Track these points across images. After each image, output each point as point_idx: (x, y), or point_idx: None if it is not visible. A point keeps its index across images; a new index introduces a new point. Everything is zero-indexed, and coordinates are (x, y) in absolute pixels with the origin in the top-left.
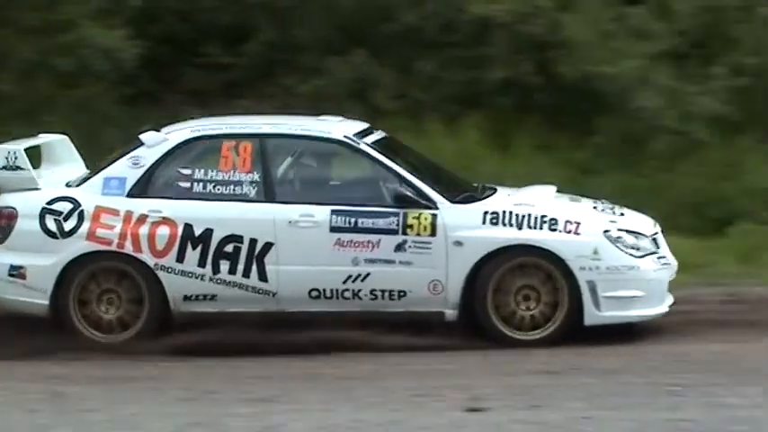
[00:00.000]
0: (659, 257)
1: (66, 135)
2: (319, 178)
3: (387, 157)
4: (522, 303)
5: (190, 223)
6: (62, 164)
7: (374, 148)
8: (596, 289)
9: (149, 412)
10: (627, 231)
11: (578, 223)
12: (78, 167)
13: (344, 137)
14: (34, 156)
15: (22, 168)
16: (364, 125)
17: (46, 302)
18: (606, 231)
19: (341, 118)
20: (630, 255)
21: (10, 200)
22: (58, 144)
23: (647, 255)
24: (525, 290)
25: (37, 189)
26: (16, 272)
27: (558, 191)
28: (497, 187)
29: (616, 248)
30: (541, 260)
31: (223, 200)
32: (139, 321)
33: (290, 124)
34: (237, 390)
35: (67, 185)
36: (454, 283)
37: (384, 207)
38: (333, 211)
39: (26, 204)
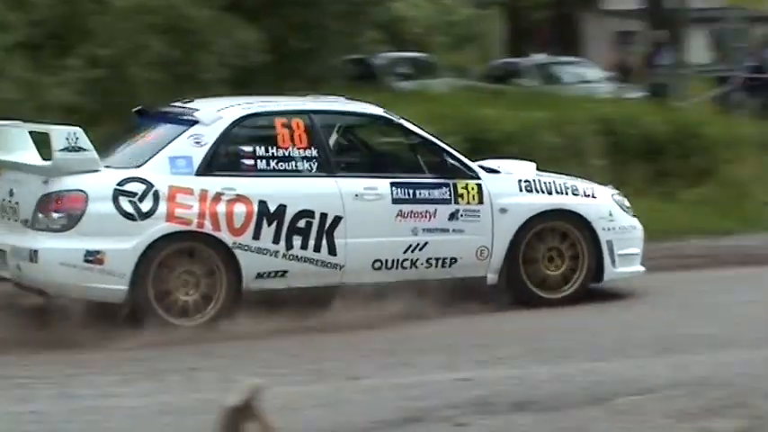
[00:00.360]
0: None
1: None
2: (367, 151)
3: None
4: (550, 265)
5: (264, 200)
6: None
7: (410, 122)
8: (613, 248)
9: None
10: (621, 196)
11: (592, 189)
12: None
13: (384, 112)
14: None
15: (84, 149)
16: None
17: (125, 287)
18: (613, 195)
19: (344, 98)
20: (632, 216)
21: (75, 182)
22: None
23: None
24: (551, 252)
25: (97, 171)
26: (93, 257)
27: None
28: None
29: (621, 210)
30: (568, 223)
31: (287, 176)
32: (217, 303)
33: (328, 101)
34: None
35: (107, 167)
36: (498, 249)
37: (435, 178)
38: (392, 184)
39: (96, 186)
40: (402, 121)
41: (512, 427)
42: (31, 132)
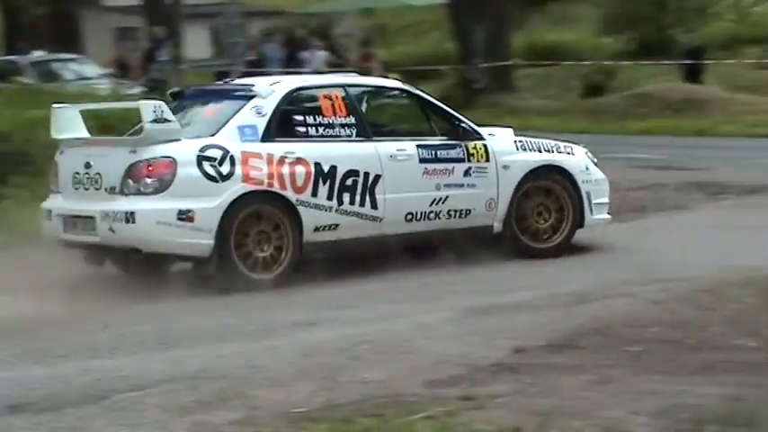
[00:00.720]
0: None
1: None
2: (393, 118)
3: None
4: (539, 218)
5: (319, 162)
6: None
7: (424, 92)
8: (591, 197)
9: None
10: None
11: (570, 147)
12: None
13: (404, 84)
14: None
15: (169, 120)
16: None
17: (212, 242)
18: (587, 152)
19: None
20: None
21: (163, 150)
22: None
23: None
24: (539, 208)
25: (179, 140)
26: (185, 215)
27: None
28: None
29: (594, 165)
30: (555, 176)
31: (333, 140)
32: (285, 257)
33: (353, 77)
34: None
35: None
36: (503, 200)
37: (450, 140)
38: (418, 146)
39: (182, 153)
40: (419, 92)
41: (9, 430)
42: (81, 112)
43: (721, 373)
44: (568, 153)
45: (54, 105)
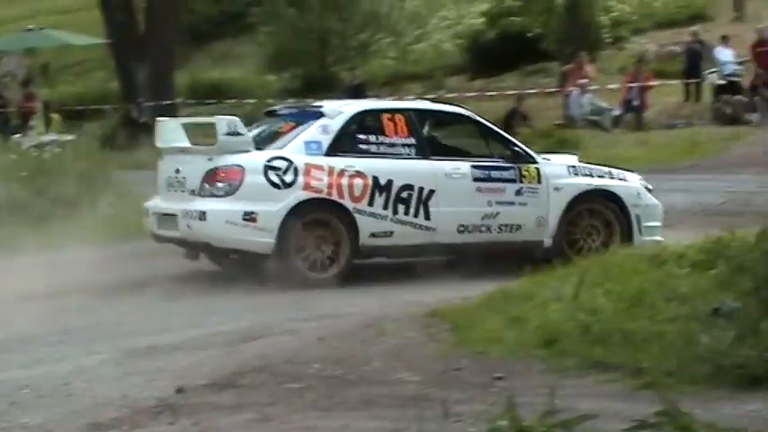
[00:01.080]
0: None
1: None
2: (453, 141)
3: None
4: (588, 237)
5: (376, 175)
6: None
7: (485, 120)
8: (640, 220)
9: None
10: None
11: (624, 174)
12: None
13: (465, 111)
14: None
15: (241, 134)
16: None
17: (273, 241)
18: (640, 179)
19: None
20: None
21: (234, 160)
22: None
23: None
24: (589, 228)
25: (249, 151)
26: (249, 216)
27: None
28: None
29: (646, 191)
30: (606, 200)
31: (393, 157)
32: (342, 258)
33: (420, 102)
34: None
35: (258, 149)
36: (553, 219)
37: (504, 162)
38: (472, 166)
39: (251, 162)
40: (479, 119)
41: None
42: (184, 125)
43: (382, 408)
44: (621, 179)
45: (158, 119)
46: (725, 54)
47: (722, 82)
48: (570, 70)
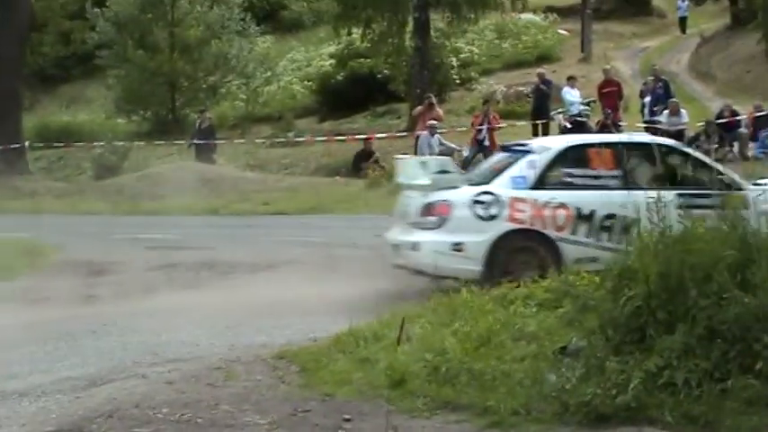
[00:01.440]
0: None
1: None
2: (657, 171)
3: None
4: None
5: (579, 207)
6: None
7: (693, 149)
8: None
9: None
10: None
11: None
12: None
13: (674, 143)
14: None
15: (450, 172)
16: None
17: (479, 268)
18: None
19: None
20: None
21: (444, 195)
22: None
23: None
24: None
25: (457, 188)
26: (457, 247)
27: None
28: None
29: None
30: None
31: (596, 189)
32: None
33: (626, 136)
34: None
35: (470, 184)
36: None
37: (710, 190)
38: (677, 194)
39: (459, 198)
40: (687, 149)
41: None
42: (421, 162)
43: None
44: None
45: (397, 156)
46: (572, 94)
47: (568, 125)
48: (420, 113)
